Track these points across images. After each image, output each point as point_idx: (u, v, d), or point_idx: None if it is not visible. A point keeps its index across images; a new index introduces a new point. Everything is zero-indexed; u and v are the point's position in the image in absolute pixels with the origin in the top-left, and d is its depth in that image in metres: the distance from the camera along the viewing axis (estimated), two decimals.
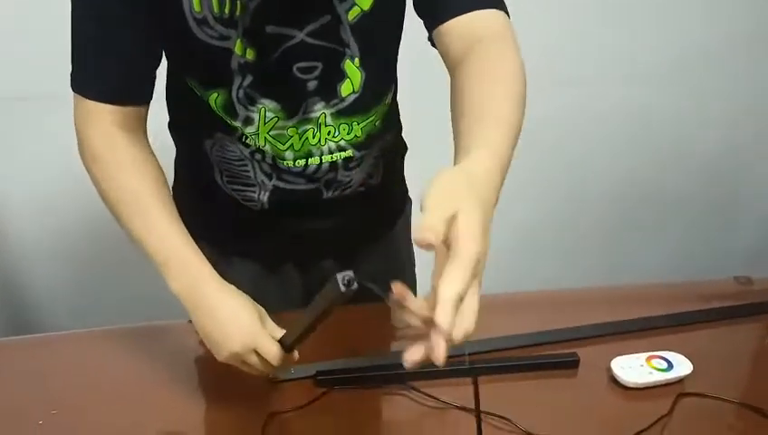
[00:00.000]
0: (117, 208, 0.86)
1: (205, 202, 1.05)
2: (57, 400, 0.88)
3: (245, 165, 0.97)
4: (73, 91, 0.86)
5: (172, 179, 1.09)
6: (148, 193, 0.86)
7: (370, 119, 0.95)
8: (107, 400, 0.89)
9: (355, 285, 0.61)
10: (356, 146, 0.97)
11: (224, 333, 0.82)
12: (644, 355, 0.97)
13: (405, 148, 1.16)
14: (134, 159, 0.88)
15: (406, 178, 1.17)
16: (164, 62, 0.91)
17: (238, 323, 0.82)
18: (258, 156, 0.96)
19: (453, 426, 0.88)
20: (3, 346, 1.02)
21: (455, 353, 0.59)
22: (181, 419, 0.87)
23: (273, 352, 0.82)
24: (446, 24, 0.82)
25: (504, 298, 1.17)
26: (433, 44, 0.86)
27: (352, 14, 0.85)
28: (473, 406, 0.87)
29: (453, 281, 0.54)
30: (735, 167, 2.20)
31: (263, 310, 0.86)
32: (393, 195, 0.93)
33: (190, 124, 0.98)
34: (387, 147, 1.04)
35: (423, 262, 1.21)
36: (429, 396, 0.90)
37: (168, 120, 1.03)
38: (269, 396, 0.89)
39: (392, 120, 1.00)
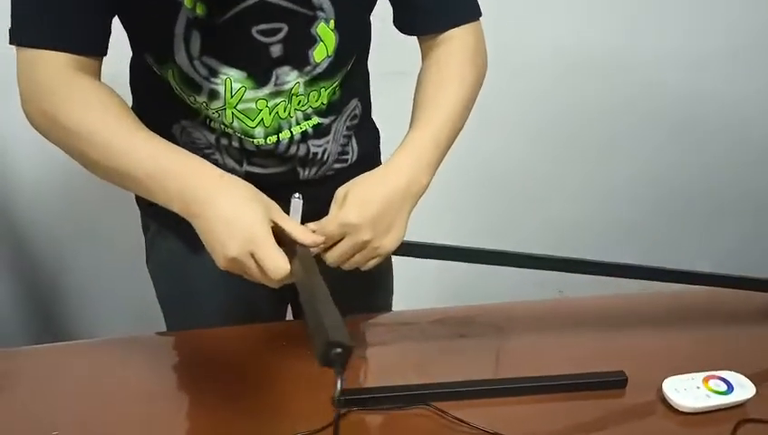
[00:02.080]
0: (85, 142, 0.77)
1: None
2: (68, 410, 0.84)
3: (213, 153, 0.93)
4: (18, 44, 0.78)
5: None
6: (116, 117, 0.78)
7: (335, 83, 0.91)
8: (116, 411, 0.84)
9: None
10: (320, 113, 0.92)
11: (219, 237, 0.74)
12: (700, 375, 0.87)
13: (377, 130, 1.10)
14: (94, 88, 0.80)
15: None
16: (126, 51, 0.87)
17: (235, 225, 0.73)
18: (225, 141, 0.91)
19: None
20: (21, 354, 0.99)
21: None
22: None
23: (272, 260, 0.72)
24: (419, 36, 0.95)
25: (546, 305, 1.08)
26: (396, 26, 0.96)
27: None
28: (505, 431, 0.80)
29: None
30: None
31: (271, 203, 0.78)
32: None
33: (156, 111, 0.92)
34: (355, 118, 0.99)
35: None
36: (456, 419, 0.82)
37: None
38: (281, 419, 0.83)
39: (354, 86, 0.96)
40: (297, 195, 0.85)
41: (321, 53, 0.86)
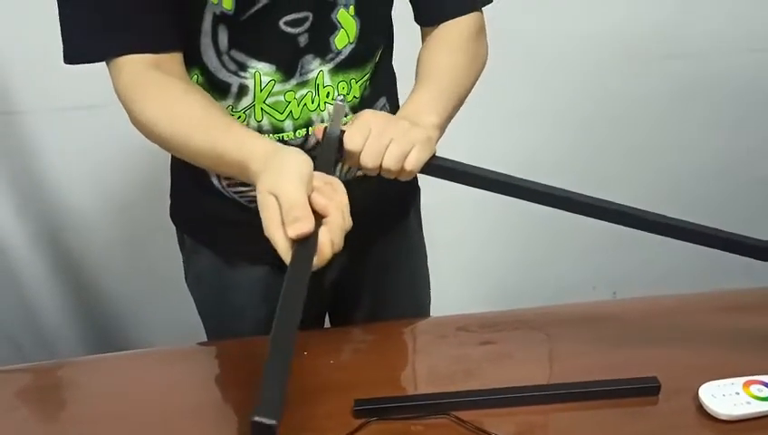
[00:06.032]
0: (173, 147, 0.79)
1: (205, 208, 0.98)
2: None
3: None
4: (73, 62, 0.79)
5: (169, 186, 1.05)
6: (205, 111, 0.78)
7: (366, 75, 0.91)
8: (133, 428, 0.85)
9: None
10: (354, 110, 0.91)
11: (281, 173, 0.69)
12: (740, 380, 0.81)
13: None
14: (169, 92, 0.79)
15: None
16: None
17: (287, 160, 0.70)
18: None
19: None
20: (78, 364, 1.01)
21: None
22: None
23: (290, 195, 0.67)
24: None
25: (580, 309, 1.04)
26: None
27: None
28: None
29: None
30: None
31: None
32: (402, 182, 0.85)
33: None
34: None
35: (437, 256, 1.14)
36: (478, 429, 0.79)
37: None
38: (299, 430, 0.82)
39: (382, 84, 0.95)
40: (340, 97, 0.86)
41: (342, 40, 0.86)
